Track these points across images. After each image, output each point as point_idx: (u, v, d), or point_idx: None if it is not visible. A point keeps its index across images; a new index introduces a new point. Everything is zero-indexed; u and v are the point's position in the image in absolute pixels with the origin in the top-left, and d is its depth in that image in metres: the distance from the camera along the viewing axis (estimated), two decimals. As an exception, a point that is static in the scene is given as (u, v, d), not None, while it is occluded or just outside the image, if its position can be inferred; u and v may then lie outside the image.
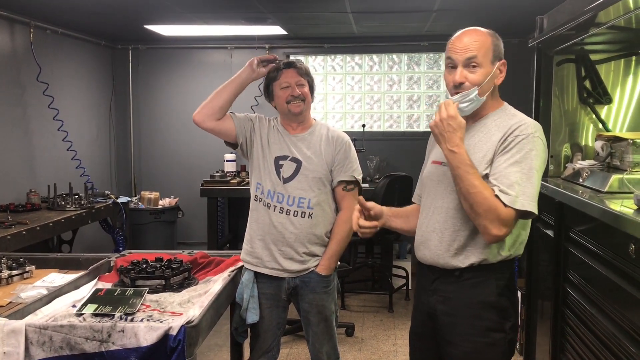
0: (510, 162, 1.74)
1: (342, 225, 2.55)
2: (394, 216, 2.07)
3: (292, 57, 5.72)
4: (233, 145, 2.61)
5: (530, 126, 1.79)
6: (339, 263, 2.63)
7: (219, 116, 2.52)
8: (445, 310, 1.89)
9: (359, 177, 2.60)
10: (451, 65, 1.86)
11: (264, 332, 2.57)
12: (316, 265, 2.54)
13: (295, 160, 2.52)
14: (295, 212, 2.49)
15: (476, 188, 1.71)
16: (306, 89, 2.53)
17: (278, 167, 2.52)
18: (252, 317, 2.51)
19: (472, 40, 1.82)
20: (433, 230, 1.90)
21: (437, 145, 1.95)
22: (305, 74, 2.55)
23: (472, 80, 1.81)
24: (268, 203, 2.52)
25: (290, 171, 2.51)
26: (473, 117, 1.90)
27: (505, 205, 1.70)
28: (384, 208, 2.03)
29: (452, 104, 1.79)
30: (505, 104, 1.93)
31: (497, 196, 1.70)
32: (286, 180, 2.50)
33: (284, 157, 2.54)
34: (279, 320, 2.60)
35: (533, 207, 1.72)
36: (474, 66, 1.81)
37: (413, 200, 2.15)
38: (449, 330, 1.89)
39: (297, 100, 2.50)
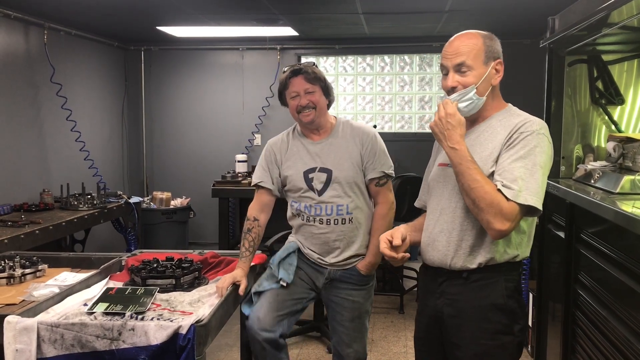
0: (514, 157, 1.74)
1: (381, 221, 2.54)
2: (414, 231, 2.05)
3: (303, 59, 5.74)
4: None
5: (536, 123, 1.79)
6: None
7: (263, 223, 2.58)
8: (452, 312, 1.88)
9: (389, 170, 2.55)
10: (445, 72, 1.88)
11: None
12: (358, 261, 2.53)
13: (324, 170, 2.49)
14: (336, 220, 2.48)
15: (478, 183, 1.71)
16: (316, 95, 2.47)
17: (309, 182, 2.50)
18: (285, 275, 2.47)
19: (462, 44, 1.83)
20: (441, 231, 1.90)
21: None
22: (315, 79, 2.47)
23: (464, 83, 1.82)
24: (308, 217, 2.51)
25: (322, 182, 2.48)
26: (477, 119, 1.90)
27: (507, 199, 1.69)
28: (405, 230, 2.01)
29: (451, 102, 1.80)
30: (510, 105, 1.92)
31: (499, 190, 1.70)
32: (320, 193, 2.48)
33: (312, 170, 2.50)
34: (297, 301, 2.51)
35: (536, 203, 1.71)
36: (464, 71, 1.82)
37: (416, 204, 2.14)
38: (456, 333, 1.88)
39: (307, 110, 2.47)
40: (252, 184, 2.66)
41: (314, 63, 2.56)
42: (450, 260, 1.86)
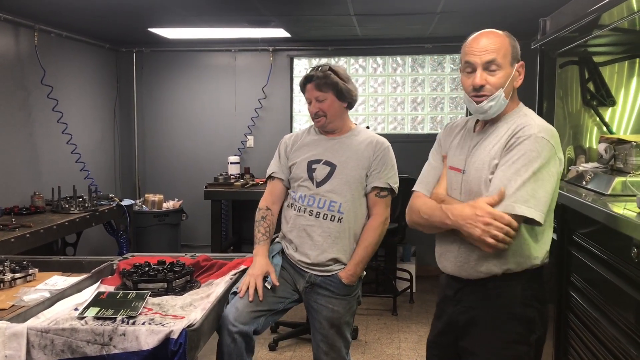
0: (509, 164, 1.70)
1: (371, 232, 2.52)
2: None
3: (296, 61, 5.70)
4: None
5: (535, 127, 1.73)
6: (364, 273, 2.57)
7: (276, 213, 2.64)
8: (468, 320, 1.85)
9: (395, 185, 2.56)
10: (469, 70, 1.81)
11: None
12: (341, 269, 2.49)
13: (328, 163, 2.52)
14: (325, 215, 2.48)
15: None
16: (327, 103, 2.51)
17: (311, 171, 2.52)
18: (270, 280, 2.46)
19: (490, 42, 1.78)
20: (453, 242, 1.86)
21: (453, 148, 1.92)
22: (325, 85, 2.50)
23: (492, 83, 1.77)
24: (299, 207, 2.52)
25: (323, 174, 2.51)
26: (490, 120, 1.86)
27: None
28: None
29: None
30: (521, 104, 1.88)
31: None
32: (319, 184, 2.50)
33: (317, 161, 2.54)
34: (279, 299, 2.48)
35: (528, 212, 1.65)
36: (493, 69, 1.77)
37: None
38: (471, 341, 1.85)
39: (317, 117, 2.53)
40: (266, 176, 2.70)
41: (329, 67, 2.54)
42: (463, 271, 1.83)
